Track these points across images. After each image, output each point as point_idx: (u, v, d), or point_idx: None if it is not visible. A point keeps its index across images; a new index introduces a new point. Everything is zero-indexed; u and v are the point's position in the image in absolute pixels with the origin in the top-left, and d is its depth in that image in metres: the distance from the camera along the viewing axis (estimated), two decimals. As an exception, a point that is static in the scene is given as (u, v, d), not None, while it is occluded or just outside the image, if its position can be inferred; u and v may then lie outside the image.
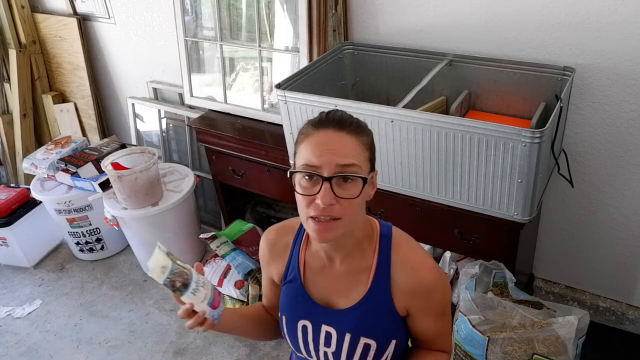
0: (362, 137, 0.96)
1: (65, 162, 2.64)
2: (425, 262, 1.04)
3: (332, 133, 0.93)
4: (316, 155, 0.92)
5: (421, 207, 1.77)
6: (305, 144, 0.94)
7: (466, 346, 1.64)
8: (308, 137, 0.95)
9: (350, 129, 0.94)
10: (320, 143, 0.93)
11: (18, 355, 2.37)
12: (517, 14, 1.75)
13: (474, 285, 1.73)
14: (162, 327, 2.41)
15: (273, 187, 2.28)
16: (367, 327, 1.04)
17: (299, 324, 1.09)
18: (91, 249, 2.85)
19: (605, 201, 1.93)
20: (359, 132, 0.96)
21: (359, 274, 1.05)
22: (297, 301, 1.09)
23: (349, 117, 0.97)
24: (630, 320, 2.09)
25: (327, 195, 0.90)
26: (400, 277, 1.02)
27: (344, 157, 0.91)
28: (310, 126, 0.96)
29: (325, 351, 1.08)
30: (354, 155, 0.93)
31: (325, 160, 0.91)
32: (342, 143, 0.93)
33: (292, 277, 1.10)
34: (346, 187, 0.92)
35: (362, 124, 0.98)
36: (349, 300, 1.05)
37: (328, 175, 0.91)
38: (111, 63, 3.06)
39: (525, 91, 1.79)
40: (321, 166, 0.91)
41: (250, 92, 2.39)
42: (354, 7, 2.06)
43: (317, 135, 0.94)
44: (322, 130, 0.94)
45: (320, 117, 0.96)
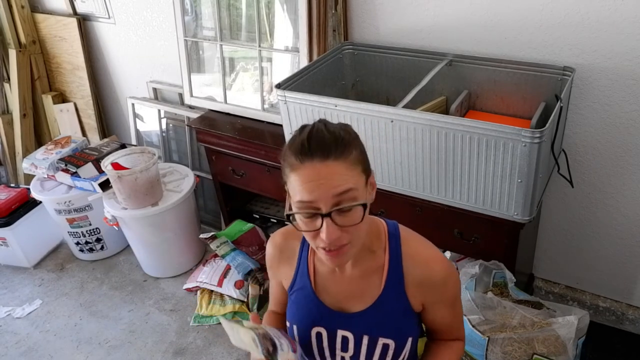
0: (350, 156, 0.89)
1: (65, 162, 2.64)
2: (435, 255, 1.05)
3: (318, 164, 0.87)
4: (308, 191, 0.87)
5: (421, 207, 1.77)
6: (294, 178, 0.89)
7: (466, 346, 1.64)
8: (295, 171, 0.89)
9: (336, 154, 0.87)
10: (310, 177, 0.87)
11: (18, 355, 2.37)
12: (517, 14, 1.75)
13: (474, 285, 1.73)
14: (162, 327, 2.41)
15: (273, 187, 2.28)
16: (385, 327, 1.04)
17: (313, 331, 1.08)
18: (91, 249, 2.85)
19: (605, 201, 1.93)
20: (345, 151, 0.89)
21: (371, 275, 1.04)
22: (309, 309, 1.08)
23: (332, 138, 0.88)
24: (630, 320, 2.09)
25: (331, 230, 0.88)
26: (413, 272, 1.02)
27: (337, 187, 0.87)
28: (294, 156, 0.89)
29: (343, 356, 1.08)
30: (347, 180, 0.88)
31: (319, 194, 0.87)
32: (332, 172, 0.87)
33: (302, 284, 1.09)
34: (348, 215, 0.89)
35: (345, 138, 0.90)
36: (363, 302, 1.05)
37: (326, 211, 0.87)
38: (111, 63, 3.06)
39: (525, 91, 1.79)
40: (316, 201, 0.87)
41: (250, 92, 2.39)
42: (354, 7, 2.06)
43: (304, 169, 0.87)
44: (307, 162, 0.87)
45: (303, 146, 0.88)
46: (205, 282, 2.42)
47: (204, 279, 2.43)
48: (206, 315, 2.40)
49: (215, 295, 2.44)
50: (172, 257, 2.67)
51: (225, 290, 2.36)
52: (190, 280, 2.54)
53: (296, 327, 1.10)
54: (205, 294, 2.46)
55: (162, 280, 2.70)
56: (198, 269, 2.57)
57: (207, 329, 2.36)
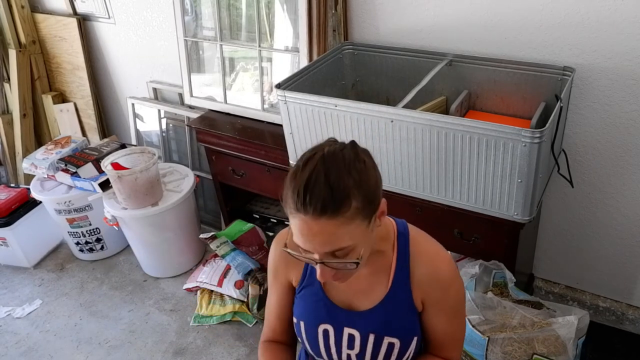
0: (347, 212, 0.85)
1: (65, 162, 2.64)
2: (442, 254, 1.06)
3: (311, 222, 0.85)
4: (302, 242, 0.89)
5: (421, 207, 1.77)
6: (291, 220, 0.89)
7: (466, 346, 1.64)
8: (292, 215, 0.88)
9: (331, 212, 0.84)
10: (303, 231, 0.87)
11: (18, 355, 2.37)
12: (517, 14, 1.75)
13: (474, 285, 1.73)
14: (162, 327, 2.41)
15: (273, 187, 2.28)
16: (391, 325, 1.05)
17: (320, 328, 1.09)
18: (91, 249, 2.85)
19: (605, 201, 1.93)
20: (342, 208, 0.85)
21: (379, 273, 1.05)
22: (316, 306, 1.09)
23: (329, 193, 0.84)
24: (630, 320, 2.09)
25: (324, 273, 0.92)
26: (418, 269, 1.03)
27: (329, 245, 0.88)
28: (291, 200, 0.86)
29: (349, 354, 1.08)
30: (341, 239, 0.87)
31: (312, 247, 0.89)
32: (325, 232, 0.86)
33: (310, 281, 1.10)
34: (340, 264, 0.91)
35: (344, 190, 0.85)
36: (370, 300, 1.06)
37: (319, 260, 0.90)
38: (111, 63, 3.06)
39: (525, 91, 1.78)
40: (310, 251, 0.90)
41: (250, 92, 2.39)
42: (354, 7, 2.06)
43: (299, 220, 0.86)
44: (301, 215, 0.85)
45: (298, 195, 0.85)
46: (205, 282, 2.42)
47: (204, 279, 2.43)
48: (206, 315, 2.40)
49: (215, 295, 2.44)
50: (172, 257, 2.67)
51: (225, 290, 2.36)
52: (190, 280, 2.54)
53: (303, 323, 1.11)
54: (205, 294, 2.46)
55: (162, 280, 2.70)
56: (198, 269, 2.57)
57: (207, 329, 2.36)
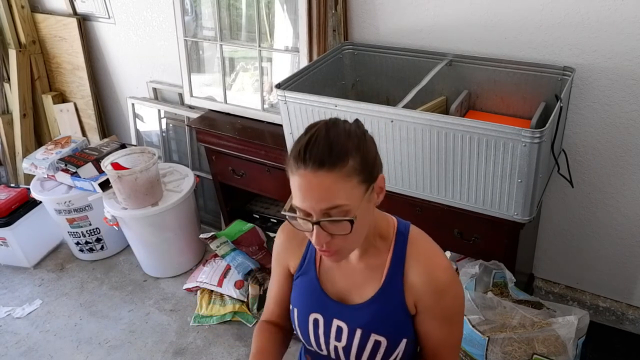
0: (344, 167, 0.88)
1: (65, 162, 2.64)
2: (440, 261, 1.04)
3: (310, 175, 0.88)
4: (300, 199, 0.91)
5: (421, 207, 1.77)
6: (291, 181, 0.92)
7: (466, 346, 1.64)
8: (292, 175, 0.91)
9: (329, 165, 0.87)
10: (302, 187, 0.90)
11: (18, 355, 2.37)
12: (517, 14, 1.75)
13: (474, 285, 1.73)
14: (162, 327, 2.41)
15: (273, 187, 2.28)
16: (378, 323, 1.04)
17: (311, 317, 1.10)
18: (91, 249, 2.85)
19: (605, 201, 1.93)
20: (340, 162, 0.88)
21: (374, 270, 1.05)
22: (310, 294, 1.11)
23: (327, 148, 0.88)
24: (630, 320, 2.09)
25: (320, 236, 0.92)
26: (413, 274, 1.03)
27: (326, 202, 0.89)
28: (292, 160, 0.90)
29: (336, 345, 1.09)
30: (337, 194, 0.89)
31: (309, 205, 0.90)
32: (322, 186, 0.88)
33: (306, 269, 1.12)
34: (337, 226, 0.92)
35: (343, 147, 0.89)
36: (362, 296, 1.06)
37: (316, 220, 0.91)
38: (111, 63, 3.06)
39: (525, 91, 1.78)
40: (307, 210, 0.91)
41: (250, 92, 2.39)
42: (354, 7, 2.06)
43: (298, 177, 0.89)
44: (301, 170, 0.89)
45: (299, 152, 0.89)
46: (205, 282, 2.42)
47: (204, 279, 2.43)
48: (206, 315, 2.40)
49: (215, 295, 2.44)
50: (172, 257, 2.67)
51: (225, 290, 2.36)
52: (190, 280, 2.54)
53: (297, 310, 1.12)
54: (205, 294, 2.46)
55: (162, 280, 2.70)
56: (198, 269, 2.57)
57: (207, 329, 2.36)
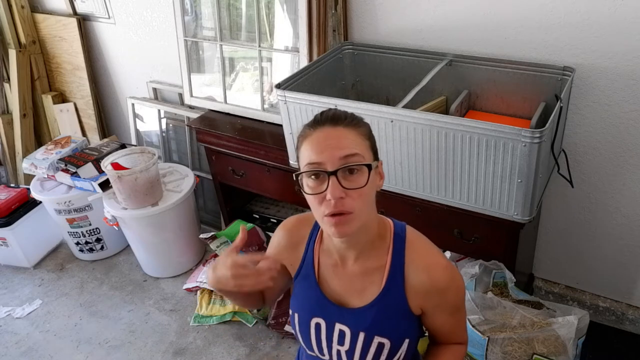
0: (360, 129, 0.98)
1: (65, 162, 2.64)
2: (439, 261, 1.04)
3: (329, 129, 0.96)
4: (317, 152, 0.94)
5: (421, 207, 1.77)
6: (305, 145, 0.97)
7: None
8: (307, 138, 0.97)
9: (346, 122, 0.97)
10: (319, 140, 0.95)
11: (18, 355, 2.37)
12: (517, 14, 1.75)
13: (474, 285, 1.73)
14: (162, 327, 2.41)
15: (273, 187, 2.28)
16: (381, 326, 1.04)
17: (312, 321, 1.10)
18: (91, 249, 2.85)
19: (605, 201, 1.93)
20: (355, 124, 0.98)
21: (373, 273, 1.05)
22: (310, 299, 1.10)
23: (344, 112, 0.99)
24: (630, 320, 2.09)
25: (335, 189, 0.92)
26: (414, 277, 1.03)
27: (344, 149, 0.93)
28: (307, 127, 0.98)
29: (339, 349, 1.09)
30: (354, 145, 0.95)
31: (326, 155, 0.93)
32: (341, 136, 0.95)
33: (306, 273, 1.11)
34: (353, 179, 0.93)
35: (357, 117, 1.00)
36: (362, 299, 1.06)
37: (332, 170, 0.92)
38: (111, 63, 3.06)
39: (525, 91, 1.78)
40: (324, 162, 0.93)
41: (250, 92, 2.39)
42: (354, 7, 2.06)
43: (315, 134, 0.96)
44: (318, 128, 0.96)
45: (315, 117, 0.99)
46: (205, 282, 2.42)
47: (204, 279, 2.43)
48: (206, 315, 2.40)
49: (215, 295, 2.44)
50: (172, 257, 2.67)
51: (225, 290, 2.36)
52: (190, 280, 2.54)
53: (297, 315, 1.11)
54: (205, 294, 2.46)
55: (162, 280, 2.70)
56: (198, 269, 2.57)
57: (207, 329, 2.36)
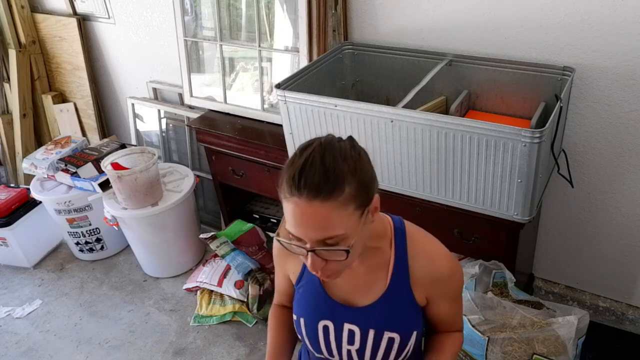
0: (340, 196, 0.85)
1: (65, 162, 2.64)
2: (441, 251, 1.07)
3: (304, 205, 0.85)
4: (295, 226, 0.88)
5: (421, 207, 1.77)
6: (284, 206, 0.89)
7: (466, 346, 1.64)
8: (285, 200, 0.88)
9: (325, 194, 0.84)
10: (296, 215, 0.87)
11: (18, 355, 2.37)
12: (517, 14, 1.75)
13: (473, 285, 1.73)
14: (162, 327, 2.41)
15: (273, 187, 2.26)
16: (390, 321, 1.05)
17: (320, 324, 1.09)
18: (91, 249, 2.85)
19: (605, 201, 1.92)
20: (335, 191, 0.85)
21: (377, 269, 1.06)
22: (316, 302, 1.10)
23: (324, 175, 0.85)
24: (630, 320, 2.09)
25: (314, 263, 0.91)
26: (418, 268, 1.04)
27: (321, 232, 0.87)
28: (286, 185, 0.87)
29: (349, 349, 1.09)
30: (334, 225, 0.87)
31: (303, 234, 0.88)
32: (317, 216, 0.85)
33: (310, 278, 1.10)
34: (332, 253, 0.90)
35: (338, 174, 0.86)
36: (369, 297, 1.06)
37: (310, 248, 0.89)
38: (111, 63, 3.06)
39: (525, 91, 1.78)
40: (302, 238, 0.89)
41: (250, 92, 2.39)
42: (353, 7, 2.06)
43: (293, 204, 0.86)
44: (295, 197, 0.85)
45: (293, 178, 0.86)
46: (205, 282, 2.42)
47: (204, 279, 2.43)
48: (206, 315, 2.40)
49: (215, 295, 2.44)
50: (172, 257, 2.67)
51: (225, 290, 2.36)
52: (190, 280, 2.54)
53: (303, 320, 1.11)
54: (205, 294, 2.46)
55: (162, 280, 2.69)
56: (198, 269, 2.57)
57: (207, 329, 2.36)
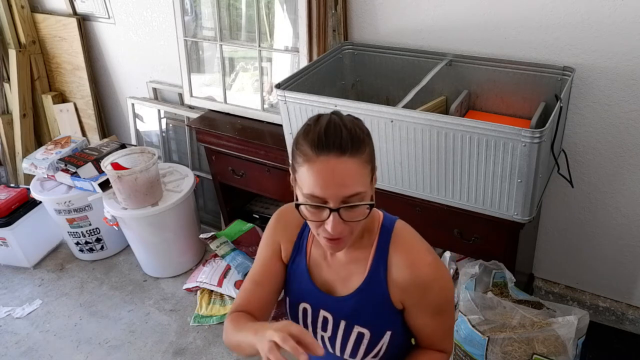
0: (364, 154, 0.91)
1: (65, 162, 2.64)
2: (423, 257, 1.03)
3: (334, 160, 0.88)
4: (320, 186, 0.89)
5: (421, 207, 1.77)
6: (306, 170, 0.90)
7: (466, 346, 1.64)
8: (309, 163, 0.90)
9: (351, 151, 0.89)
10: (323, 173, 0.89)
11: (18, 355, 2.37)
12: (517, 14, 1.75)
13: (473, 285, 1.73)
14: (162, 327, 2.41)
15: (273, 187, 2.28)
16: (361, 316, 1.06)
17: (300, 306, 1.13)
18: (91, 249, 2.85)
19: (605, 201, 1.92)
20: (360, 149, 0.91)
21: (358, 263, 1.07)
22: (300, 284, 1.13)
23: (348, 134, 0.90)
24: (630, 320, 2.09)
25: (337, 225, 0.92)
26: (396, 271, 1.03)
27: (349, 188, 0.89)
28: (310, 147, 0.90)
29: (322, 335, 1.12)
30: (359, 182, 0.91)
31: (330, 193, 0.89)
32: (346, 172, 0.89)
33: (299, 260, 1.13)
34: (353, 212, 0.93)
35: (360, 135, 0.92)
36: (346, 288, 1.08)
37: (335, 207, 0.90)
38: (111, 63, 3.06)
39: (525, 91, 1.78)
40: (327, 198, 0.90)
41: (250, 92, 2.39)
42: (353, 7, 2.06)
43: (319, 163, 0.89)
44: (323, 156, 0.88)
45: (319, 138, 0.89)
46: (205, 282, 2.42)
47: (204, 279, 2.43)
48: (206, 315, 2.40)
49: (215, 295, 2.44)
50: (172, 257, 2.67)
51: (225, 290, 2.36)
52: (190, 280, 2.54)
53: (288, 299, 1.16)
54: (205, 294, 2.46)
55: (162, 280, 2.69)
56: (198, 269, 2.57)
57: (207, 329, 2.36)
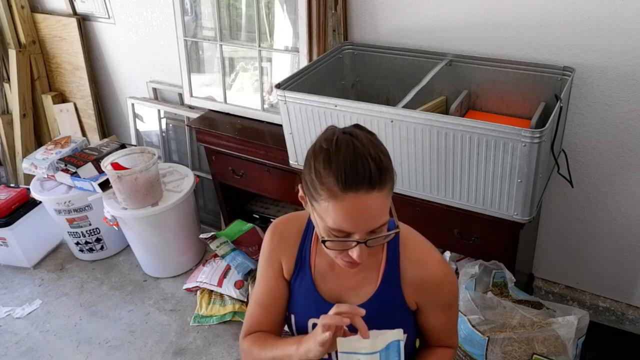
0: (388, 184, 0.89)
1: (65, 162, 2.64)
2: (433, 256, 1.06)
3: (364, 197, 0.85)
4: (349, 222, 0.87)
5: (421, 207, 1.77)
6: (332, 206, 0.86)
7: (466, 346, 1.64)
8: (336, 199, 0.86)
9: (380, 185, 0.86)
10: (352, 212, 0.86)
11: (18, 355, 2.37)
12: (517, 14, 1.75)
13: (473, 285, 1.73)
14: (162, 327, 2.41)
15: (273, 187, 2.28)
16: (380, 322, 1.04)
17: (310, 322, 1.10)
18: (91, 249, 2.85)
19: (605, 201, 1.92)
20: (387, 179, 0.88)
21: (368, 270, 1.06)
22: (307, 300, 1.10)
23: (375, 167, 0.85)
24: (630, 320, 2.09)
25: (363, 254, 0.91)
26: (409, 272, 1.04)
27: (377, 220, 0.89)
28: (336, 184, 0.85)
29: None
30: (385, 211, 0.90)
31: (359, 227, 0.88)
32: (376, 206, 0.87)
33: (303, 274, 1.10)
34: (380, 240, 0.93)
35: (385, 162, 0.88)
36: (359, 297, 1.07)
37: (362, 239, 0.89)
38: (111, 63, 3.06)
39: (525, 91, 1.78)
40: (354, 232, 0.89)
41: (250, 92, 2.39)
42: (353, 7, 2.06)
43: (348, 201, 0.85)
44: (351, 193, 0.84)
45: (347, 175, 0.84)
46: (205, 282, 2.42)
47: (204, 279, 2.43)
48: (206, 315, 2.40)
49: (215, 295, 2.44)
50: (172, 257, 2.67)
51: (225, 290, 2.36)
52: (190, 280, 2.54)
53: (294, 316, 1.12)
54: (205, 294, 2.46)
55: (162, 280, 2.69)
56: (198, 269, 2.57)
57: (207, 329, 2.36)
